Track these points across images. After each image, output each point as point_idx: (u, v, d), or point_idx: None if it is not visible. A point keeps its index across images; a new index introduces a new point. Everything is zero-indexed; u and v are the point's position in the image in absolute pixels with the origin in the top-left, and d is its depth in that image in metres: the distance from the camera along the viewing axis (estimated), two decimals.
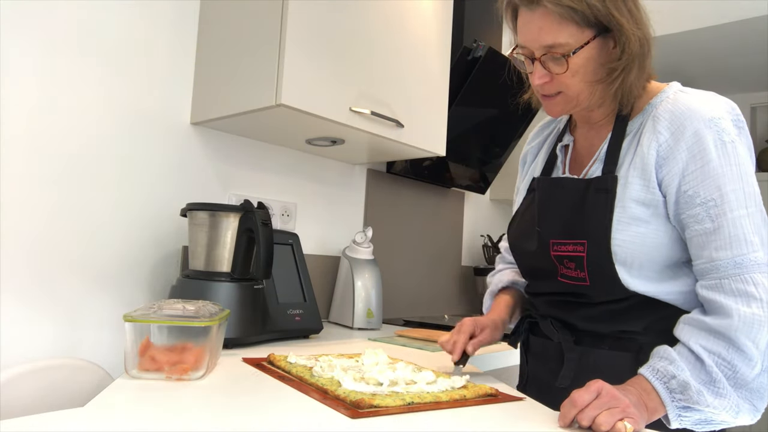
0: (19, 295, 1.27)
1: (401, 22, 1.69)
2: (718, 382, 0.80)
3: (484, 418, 0.80)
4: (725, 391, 0.80)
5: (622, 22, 0.86)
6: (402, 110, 1.67)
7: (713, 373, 0.80)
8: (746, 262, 0.82)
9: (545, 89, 0.93)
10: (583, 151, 1.03)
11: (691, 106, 0.88)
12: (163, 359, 0.91)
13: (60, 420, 0.68)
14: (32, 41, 1.30)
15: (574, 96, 0.92)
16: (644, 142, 0.89)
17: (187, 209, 1.36)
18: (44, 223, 1.32)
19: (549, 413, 0.84)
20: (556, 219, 0.98)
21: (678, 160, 0.86)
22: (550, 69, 0.89)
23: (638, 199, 0.89)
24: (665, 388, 0.80)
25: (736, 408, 0.80)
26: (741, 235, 0.82)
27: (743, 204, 0.83)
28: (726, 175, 0.84)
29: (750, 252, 0.82)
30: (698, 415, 0.81)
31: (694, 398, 0.79)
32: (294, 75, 1.38)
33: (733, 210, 0.83)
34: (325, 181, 2.01)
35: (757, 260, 0.82)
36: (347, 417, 0.75)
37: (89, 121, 1.40)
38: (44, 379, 1.22)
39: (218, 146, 1.67)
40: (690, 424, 0.82)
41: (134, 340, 0.92)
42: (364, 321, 1.77)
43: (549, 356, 1.01)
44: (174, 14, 1.57)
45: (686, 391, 0.79)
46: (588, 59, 0.88)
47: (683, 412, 0.80)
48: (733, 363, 0.80)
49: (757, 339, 0.79)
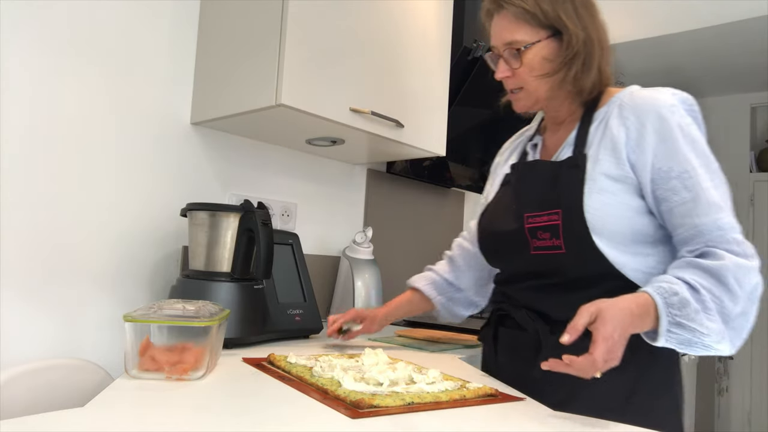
0: (19, 295, 1.27)
1: (401, 21, 1.69)
2: (710, 309, 0.86)
3: (484, 418, 0.80)
4: (715, 318, 0.86)
5: (567, 24, 1.00)
6: (402, 110, 1.67)
7: (706, 301, 0.86)
8: (725, 225, 0.90)
9: (507, 84, 1.06)
10: (552, 145, 1.12)
11: (652, 96, 0.98)
12: (163, 359, 0.91)
13: (60, 420, 0.68)
14: (32, 41, 1.30)
15: (533, 91, 1.04)
16: (612, 126, 0.99)
17: (187, 209, 1.36)
18: (44, 223, 1.32)
19: (549, 413, 0.84)
20: (530, 195, 1.05)
21: (648, 142, 0.95)
22: (510, 64, 1.03)
23: (608, 174, 0.97)
24: (664, 303, 0.85)
25: (721, 336, 0.86)
26: (715, 201, 0.91)
27: (710, 177, 0.93)
28: (692, 152, 0.93)
29: (726, 216, 0.91)
30: (687, 334, 0.85)
31: (691, 315, 0.85)
32: (294, 75, 1.38)
33: (704, 181, 0.92)
34: (325, 181, 2.01)
35: (732, 223, 0.91)
36: (347, 417, 0.75)
37: (89, 121, 1.40)
38: (44, 379, 1.22)
39: (218, 146, 1.67)
40: (675, 342, 0.87)
41: (134, 340, 0.92)
42: None
43: (521, 347, 1.04)
44: (174, 14, 1.57)
45: (684, 308, 0.85)
46: (538, 55, 1.02)
47: (674, 328, 0.85)
48: (721, 298, 0.86)
49: (743, 282, 0.87)
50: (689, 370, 3.02)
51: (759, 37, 3.15)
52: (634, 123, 0.96)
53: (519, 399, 0.90)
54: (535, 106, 1.07)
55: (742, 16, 2.58)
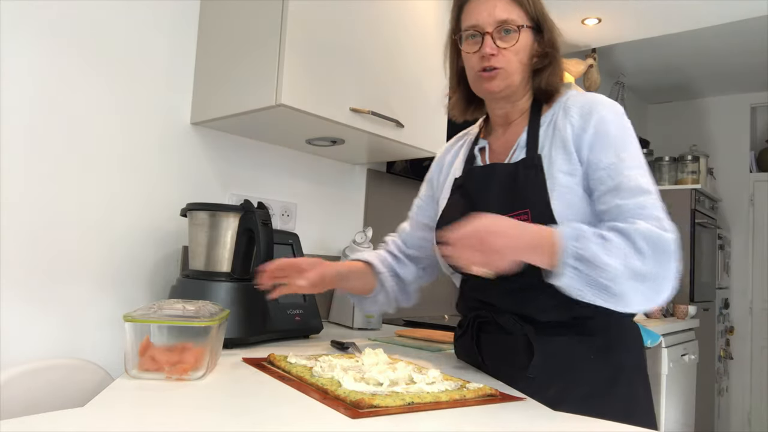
0: (19, 295, 1.27)
1: (401, 21, 1.69)
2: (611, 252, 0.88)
3: (484, 418, 0.80)
4: (616, 260, 0.87)
5: (549, 22, 1.09)
6: (402, 110, 1.67)
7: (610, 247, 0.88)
8: (648, 205, 0.94)
9: (491, 61, 1.06)
10: (500, 149, 1.13)
11: (594, 97, 1.05)
12: (163, 359, 0.91)
13: (60, 420, 0.68)
14: (32, 41, 1.30)
15: (512, 73, 1.06)
16: (560, 126, 1.04)
17: (187, 209, 1.36)
18: (44, 223, 1.32)
19: (549, 413, 0.84)
20: (493, 199, 1.06)
21: (588, 136, 1.00)
22: (498, 44, 1.05)
23: (564, 170, 1.01)
24: (568, 235, 0.89)
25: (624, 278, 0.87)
26: (638, 186, 0.95)
27: (636, 165, 0.98)
28: (620, 145, 0.99)
29: (649, 198, 0.94)
30: (588, 270, 0.87)
31: (592, 249, 0.87)
32: (294, 75, 1.38)
33: (629, 169, 0.96)
34: (325, 181, 2.01)
35: (656, 204, 0.94)
36: (347, 417, 0.75)
37: (89, 121, 1.40)
38: (44, 379, 1.22)
39: (218, 146, 1.67)
40: (577, 280, 0.88)
41: (134, 340, 0.92)
42: (364, 321, 1.77)
43: (508, 350, 1.04)
44: (174, 14, 1.57)
45: (585, 242, 0.88)
46: (527, 42, 1.07)
47: (574, 261, 0.87)
48: (626, 253, 0.88)
49: (653, 244, 0.89)
50: (689, 370, 3.02)
51: (759, 37, 3.15)
52: (577, 120, 1.02)
53: (519, 399, 0.90)
54: (506, 90, 1.08)
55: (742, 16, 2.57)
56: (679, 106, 4.51)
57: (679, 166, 3.70)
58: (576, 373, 0.99)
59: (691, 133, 4.36)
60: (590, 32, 2.93)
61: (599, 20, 2.77)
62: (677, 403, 2.79)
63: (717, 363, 3.84)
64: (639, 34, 2.91)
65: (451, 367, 1.12)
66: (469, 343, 1.13)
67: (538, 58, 1.08)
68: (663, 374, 2.63)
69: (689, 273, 3.37)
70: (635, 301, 0.89)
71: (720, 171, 4.21)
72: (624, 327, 1.06)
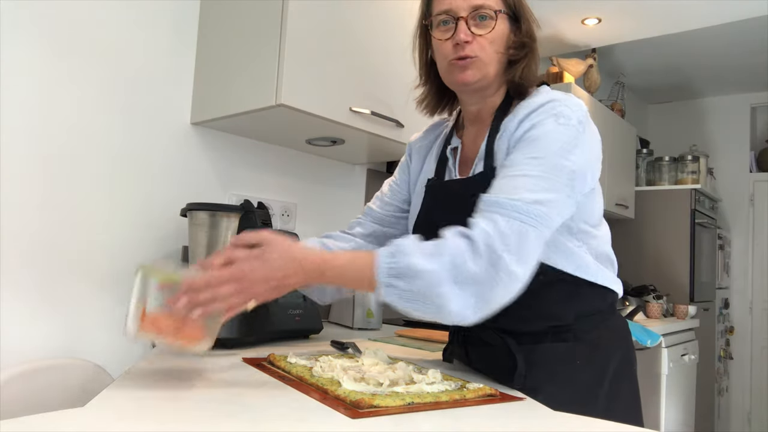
0: (19, 295, 1.27)
1: (401, 21, 1.69)
2: (429, 255, 0.81)
3: (484, 418, 0.80)
4: (438, 260, 0.80)
5: (527, 12, 1.02)
6: (402, 110, 1.67)
7: (443, 247, 0.82)
8: (503, 202, 0.85)
9: (466, 49, 0.98)
10: (469, 152, 1.08)
11: (544, 98, 0.96)
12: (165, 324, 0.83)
13: (60, 420, 0.68)
14: (32, 41, 1.30)
15: (488, 63, 0.99)
16: (508, 132, 0.97)
17: (187, 209, 1.36)
18: (44, 223, 1.32)
19: (549, 413, 0.84)
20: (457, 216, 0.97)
21: (515, 139, 0.94)
22: (473, 30, 0.98)
23: None
24: (386, 253, 0.83)
25: (442, 282, 0.80)
26: (510, 185, 0.87)
27: (529, 170, 0.88)
28: (533, 149, 0.90)
29: (512, 198, 0.85)
30: (404, 284, 0.81)
31: (403, 260, 0.81)
32: (294, 75, 1.38)
33: (517, 170, 0.89)
34: (325, 181, 2.01)
35: (515, 207, 0.84)
36: (347, 417, 0.75)
37: (89, 121, 1.40)
38: (44, 379, 1.22)
39: (218, 146, 1.67)
40: (395, 297, 0.82)
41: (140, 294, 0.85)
42: (364, 321, 1.77)
43: (494, 362, 1.03)
44: (174, 14, 1.57)
45: (401, 255, 0.81)
46: (503, 30, 1.00)
47: (391, 279, 0.81)
48: (457, 254, 0.81)
49: (494, 247, 0.81)
50: (689, 370, 3.02)
51: (759, 37, 3.15)
52: (515, 124, 0.96)
53: (519, 399, 0.90)
54: (481, 81, 1.00)
55: (742, 16, 2.58)
56: (679, 106, 4.51)
57: (679, 166, 3.70)
58: (561, 379, 0.97)
59: (691, 133, 4.36)
60: (590, 32, 2.94)
61: (599, 20, 2.77)
62: (677, 403, 2.79)
63: (717, 363, 3.84)
64: (639, 34, 2.91)
65: (451, 368, 1.12)
66: (459, 352, 1.13)
67: (515, 49, 1.01)
68: (663, 374, 2.63)
69: (689, 273, 3.37)
70: (453, 306, 0.81)
71: (720, 171, 4.21)
72: (610, 327, 1.04)
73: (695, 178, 3.64)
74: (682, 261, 3.40)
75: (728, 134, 4.31)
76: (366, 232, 1.21)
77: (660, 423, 2.59)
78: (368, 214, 1.23)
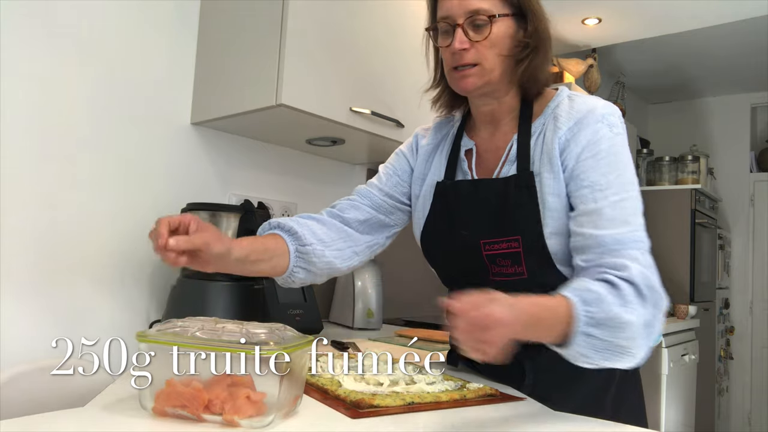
0: (19, 295, 1.27)
1: (401, 21, 1.69)
2: (629, 303, 0.79)
3: (484, 418, 0.80)
4: (634, 312, 0.79)
5: (535, 8, 0.98)
6: (402, 110, 1.67)
7: (623, 295, 0.79)
8: (626, 239, 0.85)
9: (464, 57, 0.96)
10: (488, 154, 1.05)
11: (586, 105, 0.96)
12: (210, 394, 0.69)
13: (60, 420, 0.68)
14: (32, 41, 1.30)
15: (490, 69, 0.97)
16: (548, 139, 0.96)
17: (188, 209, 1.37)
18: (44, 223, 1.31)
19: (549, 413, 0.84)
20: (482, 220, 0.99)
21: (576, 146, 0.93)
22: (471, 37, 0.95)
23: (553, 192, 0.94)
24: (580, 300, 0.78)
25: (638, 335, 0.79)
26: (620, 216, 0.87)
27: (624, 189, 0.89)
28: (610, 165, 0.90)
29: (629, 231, 0.86)
30: (605, 334, 0.77)
31: (605, 308, 0.77)
32: (294, 75, 1.38)
33: (615, 194, 0.88)
34: (325, 181, 2.01)
35: (636, 238, 0.86)
36: (347, 417, 0.75)
37: (89, 122, 1.40)
38: (44, 379, 1.22)
39: (218, 146, 1.67)
40: (589, 348, 0.78)
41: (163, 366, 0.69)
42: (364, 321, 1.77)
43: (501, 369, 0.98)
44: (174, 14, 1.56)
45: (600, 303, 0.77)
46: (505, 32, 0.96)
47: (591, 329, 0.77)
48: (636, 302, 0.79)
49: (649, 288, 0.81)
50: (689, 370, 3.02)
51: (759, 37, 3.15)
52: (566, 132, 0.94)
53: (519, 399, 0.90)
54: (484, 87, 0.98)
55: (742, 16, 2.57)
56: (679, 106, 4.51)
57: (679, 166, 3.70)
58: (569, 386, 0.95)
59: (691, 133, 4.36)
60: (590, 32, 2.93)
61: (599, 20, 2.77)
62: (677, 403, 2.79)
63: (717, 363, 3.84)
64: (639, 34, 2.91)
65: (452, 368, 1.12)
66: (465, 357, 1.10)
67: (521, 48, 0.97)
68: (663, 374, 2.63)
69: (689, 273, 3.36)
70: (641, 353, 0.81)
71: (720, 171, 4.21)
72: None
73: (695, 178, 3.63)
74: (683, 261, 3.39)
75: (728, 134, 4.31)
76: (362, 218, 1.14)
77: (660, 423, 2.59)
78: (366, 197, 1.16)
